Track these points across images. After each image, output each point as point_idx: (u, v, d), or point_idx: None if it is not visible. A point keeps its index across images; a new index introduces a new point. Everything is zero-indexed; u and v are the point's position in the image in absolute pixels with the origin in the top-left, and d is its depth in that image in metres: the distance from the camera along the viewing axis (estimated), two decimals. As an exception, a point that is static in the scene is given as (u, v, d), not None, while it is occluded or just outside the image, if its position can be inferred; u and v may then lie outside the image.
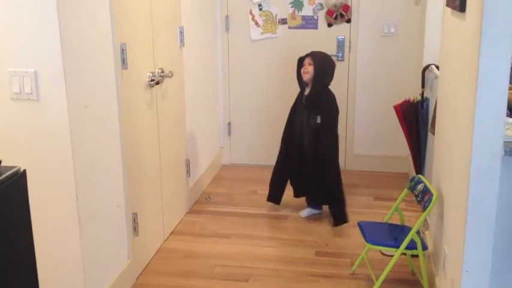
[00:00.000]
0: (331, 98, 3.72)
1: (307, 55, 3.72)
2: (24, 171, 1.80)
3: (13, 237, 1.76)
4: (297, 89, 3.81)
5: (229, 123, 4.95)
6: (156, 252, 3.37)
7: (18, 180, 1.77)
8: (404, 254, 2.92)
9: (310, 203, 3.91)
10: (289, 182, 3.96)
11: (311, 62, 3.67)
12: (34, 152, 2.35)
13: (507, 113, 2.12)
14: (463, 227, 2.18)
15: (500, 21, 1.97)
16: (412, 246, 2.80)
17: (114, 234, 2.82)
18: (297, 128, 3.80)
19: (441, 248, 2.71)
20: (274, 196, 3.97)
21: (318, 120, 3.66)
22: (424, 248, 2.82)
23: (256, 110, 4.87)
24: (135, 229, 3.02)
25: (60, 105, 2.30)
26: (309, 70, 3.67)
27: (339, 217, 3.69)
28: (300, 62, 3.74)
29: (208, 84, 4.56)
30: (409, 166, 4.44)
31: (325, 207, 3.91)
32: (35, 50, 2.25)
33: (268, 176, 3.95)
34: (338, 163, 3.78)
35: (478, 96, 2.04)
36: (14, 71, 2.27)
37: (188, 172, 3.96)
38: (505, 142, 2.08)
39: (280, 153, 3.94)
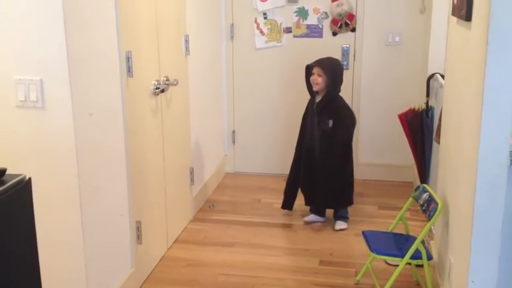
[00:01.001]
0: (345, 108, 3.74)
1: (315, 64, 3.68)
2: (29, 179, 1.80)
3: (17, 245, 1.76)
4: (302, 97, 3.81)
5: (233, 132, 4.95)
6: (160, 261, 3.36)
7: (23, 189, 1.76)
8: (409, 263, 2.91)
9: (314, 210, 3.91)
10: (300, 189, 3.95)
11: (321, 73, 3.64)
12: (39, 160, 2.34)
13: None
14: (469, 236, 2.17)
15: (507, 31, 1.96)
16: (417, 256, 2.79)
17: (117, 242, 2.82)
18: (308, 135, 3.80)
19: (446, 258, 2.69)
20: (287, 203, 4.00)
21: (330, 124, 3.65)
22: (429, 257, 2.81)
23: (260, 118, 4.86)
24: (139, 237, 3.02)
25: (65, 113, 2.30)
26: (319, 81, 3.65)
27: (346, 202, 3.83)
28: (308, 69, 3.73)
29: (213, 93, 4.57)
30: (414, 175, 4.42)
31: (329, 211, 3.91)
32: (41, 58, 2.26)
33: (272, 184, 3.94)
34: (349, 171, 3.80)
35: (484, 105, 2.03)
36: (20, 79, 2.27)
37: (192, 180, 3.95)
38: (511, 152, 2.07)
39: (293, 161, 3.94)
